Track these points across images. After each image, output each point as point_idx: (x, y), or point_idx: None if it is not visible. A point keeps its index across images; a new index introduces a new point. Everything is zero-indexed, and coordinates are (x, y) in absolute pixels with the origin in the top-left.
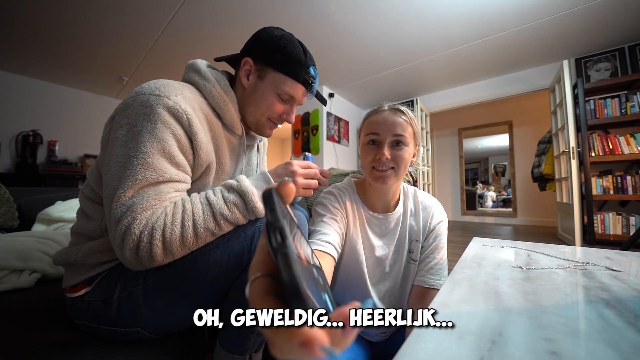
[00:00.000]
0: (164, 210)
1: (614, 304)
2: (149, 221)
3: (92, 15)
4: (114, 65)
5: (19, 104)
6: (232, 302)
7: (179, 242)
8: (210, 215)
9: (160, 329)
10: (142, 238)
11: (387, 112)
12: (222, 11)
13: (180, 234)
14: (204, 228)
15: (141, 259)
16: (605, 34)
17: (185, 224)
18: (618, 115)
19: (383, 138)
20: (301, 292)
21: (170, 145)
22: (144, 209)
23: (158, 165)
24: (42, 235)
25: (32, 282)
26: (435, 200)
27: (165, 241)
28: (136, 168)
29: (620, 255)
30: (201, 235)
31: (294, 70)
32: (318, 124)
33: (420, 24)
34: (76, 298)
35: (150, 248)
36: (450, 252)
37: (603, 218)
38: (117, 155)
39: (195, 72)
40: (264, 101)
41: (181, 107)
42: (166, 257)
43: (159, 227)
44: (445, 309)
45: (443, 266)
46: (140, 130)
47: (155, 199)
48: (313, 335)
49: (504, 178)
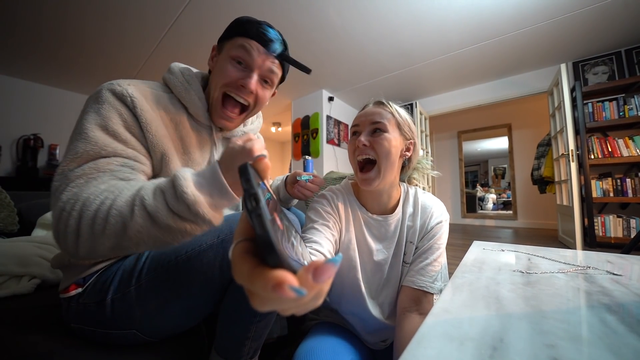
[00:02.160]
0: (100, 183)
1: (615, 309)
2: (80, 189)
3: (94, 20)
4: (115, 69)
5: (20, 108)
6: (227, 305)
7: (90, 219)
8: (131, 199)
9: (156, 331)
10: (66, 206)
11: (370, 106)
12: (224, 16)
13: (95, 210)
14: (118, 211)
15: (59, 232)
16: (602, 38)
17: (104, 202)
18: (616, 118)
19: (362, 127)
20: (273, 244)
21: (114, 122)
22: (78, 177)
23: (100, 140)
24: (42, 240)
25: (32, 288)
26: (436, 201)
27: (81, 215)
28: (78, 142)
29: (621, 259)
30: (110, 220)
31: (243, 28)
32: (318, 127)
33: (419, 28)
34: (71, 300)
35: (68, 220)
36: (451, 256)
37: (604, 221)
38: (71, 137)
39: (168, 71)
40: (218, 71)
41: (127, 91)
42: (78, 240)
43: (82, 198)
44: (446, 314)
45: (437, 268)
46: (87, 111)
47: (92, 169)
48: (283, 276)
49: (503, 180)
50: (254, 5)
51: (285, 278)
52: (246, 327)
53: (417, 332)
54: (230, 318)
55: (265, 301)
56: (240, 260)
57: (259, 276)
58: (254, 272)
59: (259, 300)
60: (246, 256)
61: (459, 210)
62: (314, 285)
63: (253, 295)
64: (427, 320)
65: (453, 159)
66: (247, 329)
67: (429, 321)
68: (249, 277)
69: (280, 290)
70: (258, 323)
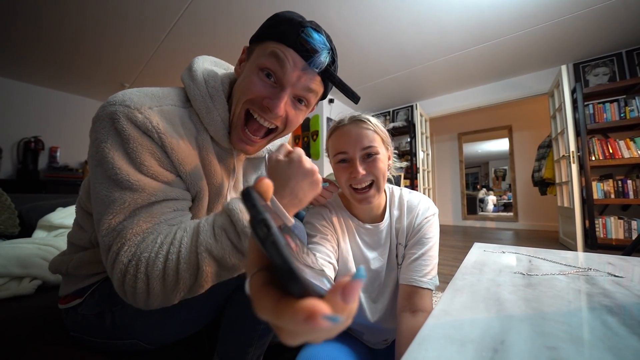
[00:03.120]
0: (156, 237)
1: (616, 311)
2: (138, 248)
3: (94, 22)
4: (116, 72)
5: (20, 111)
6: (230, 312)
7: (160, 278)
8: (194, 247)
9: (157, 340)
10: (129, 269)
11: (349, 126)
12: (224, 18)
13: (162, 268)
14: (187, 263)
15: (127, 293)
16: (603, 39)
17: (169, 257)
18: (617, 119)
19: (353, 155)
20: (295, 271)
21: (151, 163)
22: (135, 234)
23: (147, 185)
24: (43, 242)
25: (32, 290)
26: (422, 198)
27: (148, 276)
28: (123, 192)
29: (622, 261)
30: (182, 274)
31: (279, 31)
32: (318, 130)
33: (419, 30)
34: (70, 311)
35: (135, 282)
36: (452, 257)
37: (605, 222)
38: (97, 178)
39: (187, 69)
40: (243, 84)
41: (151, 124)
42: (149, 298)
43: (145, 258)
44: (446, 316)
45: (427, 262)
46: (113, 148)
47: (147, 222)
48: (314, 306)
49: (504, 182)
50: (253, 7)
51: (317, 307)
52: (249, 333)
53: (418, 334)
54: (233, 325)
55: (296, 335)
56: (260, 295)
57: (286, 310)
58: (279, 306)
59: (288, 335)
60: (266, 289)
61: (459, 212)
62: (344, 307)
63: (281, 330)
64: (428, 322)
65: (453, 161)
66: (250, 335)
67: (430, 323)
68: (275, 313)
69: (313, 322)
70: (262, 330)
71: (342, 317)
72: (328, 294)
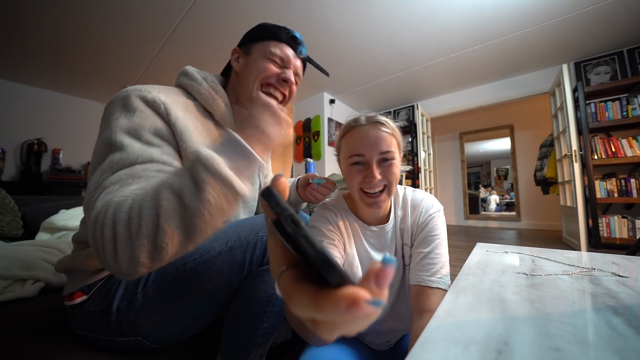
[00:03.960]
0: (131, 186)
1: (621, 312)
2: (113, 196)
3: (96, 25)
4: (118, 74)
5: (23, 113)
6: (234, 311)
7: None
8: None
9: (161, 338)
10: (98, 216)
11: (367, 127)
12: (225, 20)
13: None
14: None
15: (97, 244)
16: (604, 38)
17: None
18: (619, 118)
19: (369, 158)
20: (331, 260)
21: (149, 131)
22: (113, 184)
23: (136, 149)
24: (46, 244)
25: (36, 292)
26: (426, 196)
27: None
28: (115, 153)
29: (626, 261)
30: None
31: (273, 33)
32: (319, 130)
33: (419, 30)
34: (75, 308)
35: (103, 229)
36: (455, 257)
37: (608, 221)
38: (98, 146)
39: (184, 75)
40: (255, 68)
41: (159, 98)
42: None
43: (115, 202)
44: (450, 317)
45: (435, 260)
46: (117, 118)
47: (128, 174)
48: (356, 292)
49: (506, 182)
50: (254, 8)
51: (359, 294)
52: (253, 332)
53: (421, 335)
54: (236, 324)
55: (335, 327)
56: (294, 291)
57: (326, 300)
58: (317, 298)
59: (327, 329)
60: (299, 285)
61: (461, 211)
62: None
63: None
64: (431, 324)
65: (455, 161)
66: (254, 334)
67: (433, 324)
68: (314, 306)
69: (357, 308)
70: (265, 329)
71: (383, 299)
72: (362, 281)
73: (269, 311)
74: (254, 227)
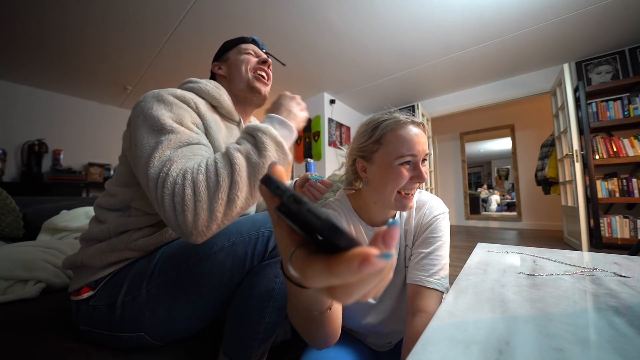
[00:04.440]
0: (196, 159)
1: (623, 312)
2: (185, 165)
3: (97, 26)
4: (118, 75)
5: (24, 114)
6: (236, 307)
7: (203, 181)
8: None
9: (163, 334)
10: (177, 180)
11: (412, 126)
12: (225, 21)
13: (205, 172)
14: (222, 162)
15: (176, 205)
16: (605, 37)
17: (208, 165)
18: (621, 117)
19: (419, 159)
20: (339, 226)
21: (188, 119)
22: (180, 157)
23: (185, 132)
24: (47, 245)
25: (37, 292)
26: (431, 197)
27: (194, 182)
28: (168, 134)
29: (628, 261)
30: (220, 171)
31: (239, 39)
32: (320, 130)
33: (420, 30)
34: (81, 303)
35: (183, 191)
36: (455, 258)
37: (610, 221)
38: (143, 134)
39: (188, 82)
40: (240, 65)
41: (187, 95)
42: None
43: (190, 169)
44: (451, 317)
45: (435, 262)
46: (159, 109)
47: (190, 151)
48: (365, 249)
49: (507, 182)
50: (255, 9)
51: (368, 250)
52: (254, 328)
53: (422, 335)
54: (238, 320)
55: (352, 288)
56: (308, 264)
57: (339, 263)
58: (330, 263)
59: (344, 293)
60: (311, 258)
61: (462, 211)
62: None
63: (335, 290)
64: (432, 324)
65: (456, 161)
66: (256, 330)
67: (434, 324)
68: (328, 271)
69: (368, 264)
70: (267, 324)
71: (392, 253)
72: (371, 242)
73: (270, 306)
74: (255, 223)
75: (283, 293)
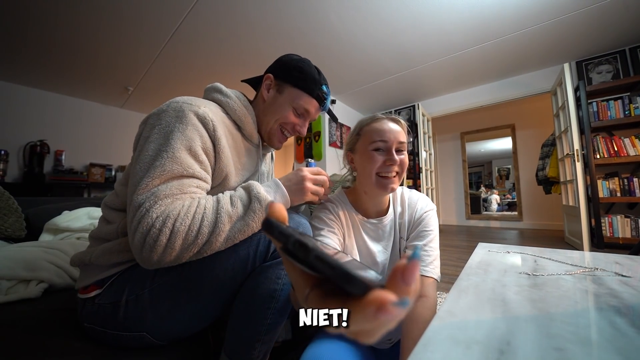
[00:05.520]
0: (183, 202)
1: (625, 312)
2: (167, 208)
3: (98, 27)
4: (120, 76)
5: (26, 115)
6: (238, 307)
7: (183, 233)
8: (215, 209)
9: (165, 334)
10: (155, 223)
11: (387, 121)
12: (226, 22)
13: (189, 225)
14: (208, 221)
15: (146, 245)
16: (606, 37)
17: (195, 217)
18: (622, 117)
19: (390, 145)
20: (350, 273)
21: (197, 145)
22: (166, 196)
23: (185, 161)
24: (49, 245)
25: (39, 293)
26: (421, 195)
27: (173, 231)
28: (165, 160)
29: (629, 260)
30: (203, 230)
31: (308, 86)
32: (320, 130)
33: (420, 30)
34: (87, 300)
35: (159, 235)
36: (456, 258)
37: (611, 221)
38: (148, 150)
39: (218, 92)
40: (280, 111)
41: (208, 115)
42: (165, 252)
43: (173, 216)
44: (452, 317)
45: (430, 253)
46: (172, 130)
47: (178, 189)
48: (380, 296)
49: (508, 181)
50: (256, 11)
51: (384, 297)
52: (256, 328)
53: (423, 335)
54: (240, 320)
55: (372, 331)
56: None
57: (355, 311)
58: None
59: (366, 335)
60: (328, 302)
61: (463, 211)
62: (408, 290)
63: (357, 334)
64: (433, 324)
65: (456, 160)
66: (258, 330)
67: (435, 324)
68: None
69: (384, 312)
70: (269, 325)
71: (409, 299)
72: (389, 280)
73: (272, 307)
74: None
75: (285, 294)
